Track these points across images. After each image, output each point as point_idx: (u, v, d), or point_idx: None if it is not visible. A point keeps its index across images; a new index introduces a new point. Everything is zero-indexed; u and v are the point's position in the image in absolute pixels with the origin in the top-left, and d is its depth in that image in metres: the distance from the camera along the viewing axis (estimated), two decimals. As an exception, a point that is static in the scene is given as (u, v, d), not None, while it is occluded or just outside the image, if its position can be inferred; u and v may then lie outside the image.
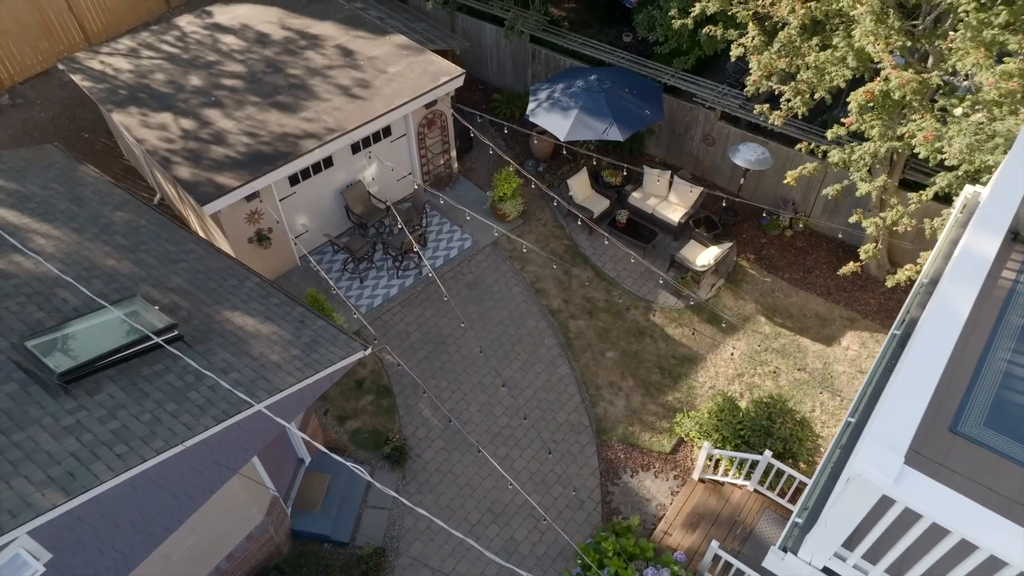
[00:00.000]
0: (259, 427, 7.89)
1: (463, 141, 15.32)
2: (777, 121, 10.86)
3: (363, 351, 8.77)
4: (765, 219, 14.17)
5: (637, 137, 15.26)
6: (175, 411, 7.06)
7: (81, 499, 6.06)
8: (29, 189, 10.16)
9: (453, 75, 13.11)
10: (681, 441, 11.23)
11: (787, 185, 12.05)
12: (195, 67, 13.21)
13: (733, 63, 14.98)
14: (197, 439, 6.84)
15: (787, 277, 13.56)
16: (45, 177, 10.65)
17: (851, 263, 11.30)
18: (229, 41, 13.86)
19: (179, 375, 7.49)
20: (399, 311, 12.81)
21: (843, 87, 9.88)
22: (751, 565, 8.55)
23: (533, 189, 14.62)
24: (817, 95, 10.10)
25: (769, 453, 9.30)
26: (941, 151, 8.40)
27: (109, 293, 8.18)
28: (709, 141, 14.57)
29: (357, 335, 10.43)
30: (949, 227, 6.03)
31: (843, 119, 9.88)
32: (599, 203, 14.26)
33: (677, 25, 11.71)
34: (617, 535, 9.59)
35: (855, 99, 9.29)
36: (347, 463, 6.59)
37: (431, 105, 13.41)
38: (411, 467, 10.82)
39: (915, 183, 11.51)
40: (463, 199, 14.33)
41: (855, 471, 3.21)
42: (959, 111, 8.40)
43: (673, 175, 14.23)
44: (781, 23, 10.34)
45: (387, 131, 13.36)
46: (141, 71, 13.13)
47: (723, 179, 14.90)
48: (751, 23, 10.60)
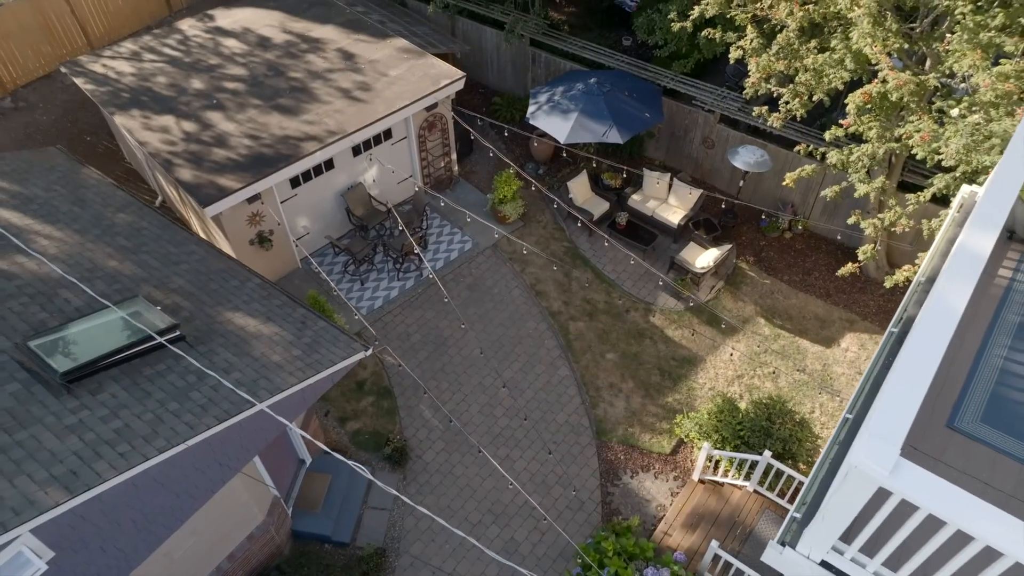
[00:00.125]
0: (260, 427, 7.93)
1: (463, 144, 15.39)
2: (776, 123, 10.92)
3: (364, 352, 8.81)
4: (764, 221, 14.22)
5: (637, 140, 15.33)
6: (177, 411, 7.09)
7: (83, 497, 6.09)
8: (32, 191, 10.21)
9: (454, 78, 13.18)
10: (681, 442, 11.26)
11: (786, 187, 12.11)
12: (197, 70, 13.28)
13: (732, 66, 15.03)
14: (199, 438, 6.87)
15: (786, 279, 13.60)
16: (48, 179, 10.71)
17: (849, 264, 11.35)
18: (231, 44, 13.93)
19: (181, 375, 7.53)
20: (400, 313, 12.86)
21: (841, 89, 9.94)
22: (751, 565, 8.58)
23: (533, 191, 14.68)
24: (816, 97, 10.16)
25: (768, 453, 9.33)
26: (938, 152, 8.45)
27: (111, 294, 8.23)
28: (708, 144, 14.63)
29: (358, 336, 10.47)
30: (946, 226, 6.07)
31: (841, 121, 9.94)
32: (599, 205, 14.32)
33: (676, 28, 11.78)
34: (617, 535, 9.61)
35: (853, 101, 9.35)
36: (348, 462, 6.64)
37: (432, 108, 13.47)
38: (412, 468, 10.84)
39: (914, 185, 11.56)
40: (463, 201, 14.38)
41: (852, 463, 3.24)
42: (956, 112, 8.46)
43: (673, 178, 14.29)
44: (779, 26, 10.41)
45: (388, 134, 13.42)
46: (143, 74, 13.20)
47: (722, 182, 14.96)
48: (750, 26, 10.67)
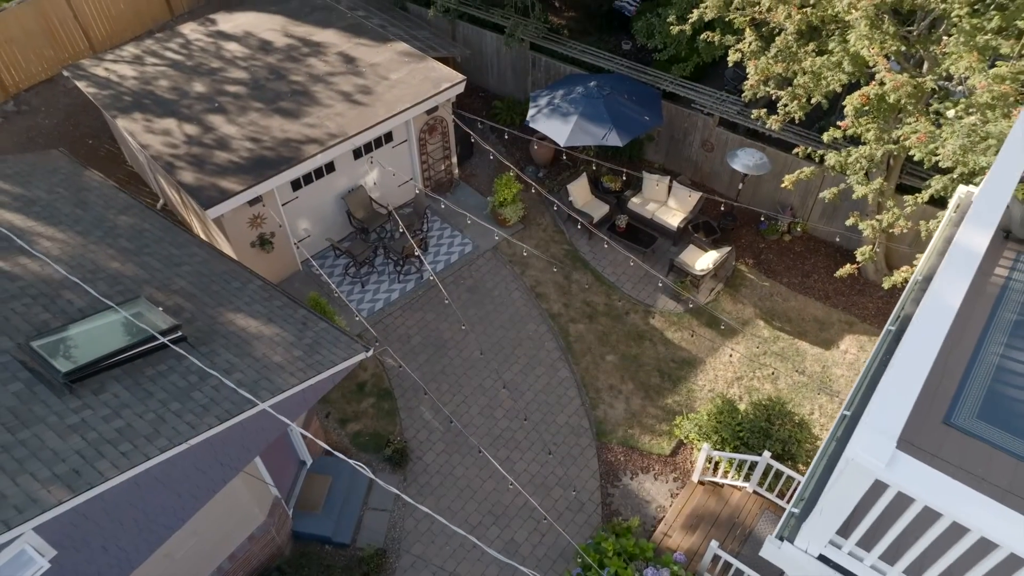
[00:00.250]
0: (262, 427, 7.96)
1: (464, 147, 15.46)
2: (774, 125, 10.98)
3: (365, 353, 8.85)
4: (764, 224, 14.28)
5: (636, 143, 15.39)
6: (179, 410, 7.13)
7: (86, 496, 6.12)
8: (34, 193, 10.27)
9: (454, 81, 13.25)
10: (681, 444, 11.28)
11: (785, 190, 12.17)
12: (199, 74, 13.36)
13: (731, 70, 15.13)
14: (200, 438, 6.90)
15: (785, 281, 13.64)
16: (50, 182, 10.76)
17: (848, 265, 11.39)
18: (232, 48, 14.01)
19: (183, 375, 7.56)
20: (400, 315, 12.90)
21: (839, 91, 10.00)
22: (751, 566, 8.60)
23: (533, 194, 14.74)
24: (814, 100, 10.22)
25: (768, 454, 9.35)
26: (935, 153, 8.51)
27: (113, 295, 8.27)
28: (708, 147, 14.69)
29: (359, 338, 10.50)
30: (943, 226, 6.12)
31: (839, 123, 10.00)
32: (599, 208, 14.37)
33: (675, 32, 11.85)
34: (617, 536, 9.64)
35: (850, 102, 9.41)
36: (349, 461, 6.67)
37: (432, 111, 13.54)
38: (412, 469, 10.87)
39: (912, 187, 11.61)
40: (464, 204, 14.44)
41: (849, 456, 3.28)
42: (952, 113, 8.52)
43: (672, 180, 14.35)
44: (778, 29, 10.48)
45: (388, 137, 13.49)
46: (145, 78, 13.28)
47: (722, 185, 15.01)
48: (748, 29, 10.74)
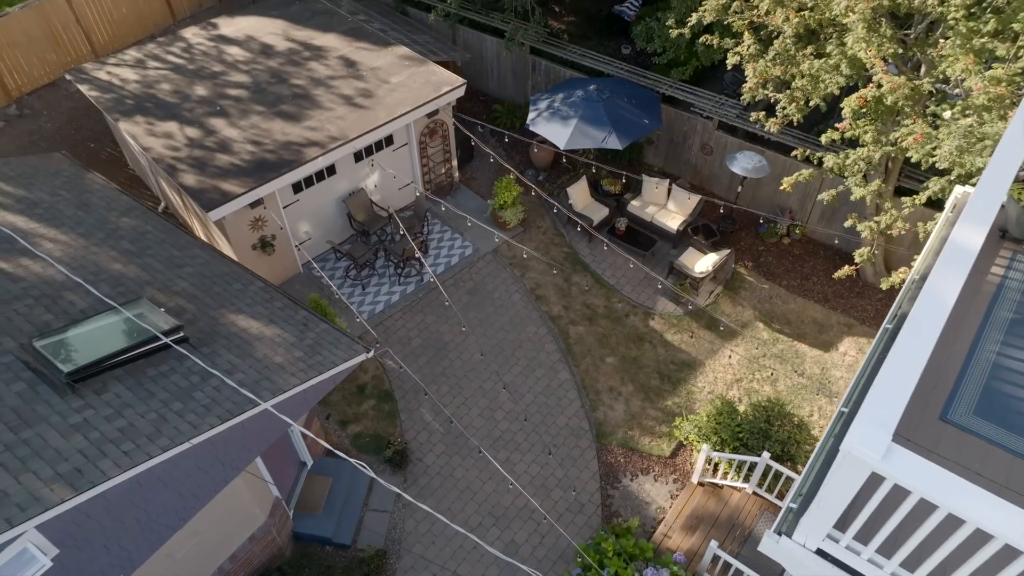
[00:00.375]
0: (263, 427, 7.99)
1: (464, 151, 15.52)
2: (773, 128, 11.05)
3: (365, 354, 8.89)
4: (763, 227, 14.33)
5: (636, 146, 15.46)
6: (181, 410, 7.16)
7: (88, 495, 6.15)
8: (37, 195, 10.33)
9: (454, 85, 13.32)
10: (680, 445, 11.31)
11: (784, 193, 12.21)
12: (200, 77, 13.43)
13: (730, 74, 15.22)
14: (202, 437, 6.94)
15: (785, 284, 13.69)
16: (53, 184, 10.82)
17: (846, 266, 11.44)
18: (234, 52, 14.08)
19: (184, 375, 7.60)
20: (400, 317, 12.94)
21: (837, 94, 10.07)
22: (750, 566, 8.62)
23: (533, 197, 14.81)
24: (812, 102, 10.29)
25: (767, 455, 9.38)
26: (932, 154, 8.57)
27: (115, 296, 8.31)
28: (707, 150, 14.76)
29: (360, 340, 10.53)
30: (940, 226, 6.18)
31: (837, 124, 10.07)
32: (598, 211, 14.43)
33: (674, 35, 11.92)
34: (617, 536, 9.66)
35: (848, 104, 9.48)
36: (351, 460, 6.71)
37: (433, 115, 13.61)
38: (412, 471, 10.89)
39: (911, 190, 11.66)
40: (464, 207, 14.49)
41: (846, 449, 3.32)
42: (949, 114, 8.59)
43: (672, 183, 14.40)
44: (776, 32, 10.56)
45: (389, 140, 13.56)
46: (147, 81, 13.35)
47: (721, 188, 15.07)
48: (747, 32, 10.82)
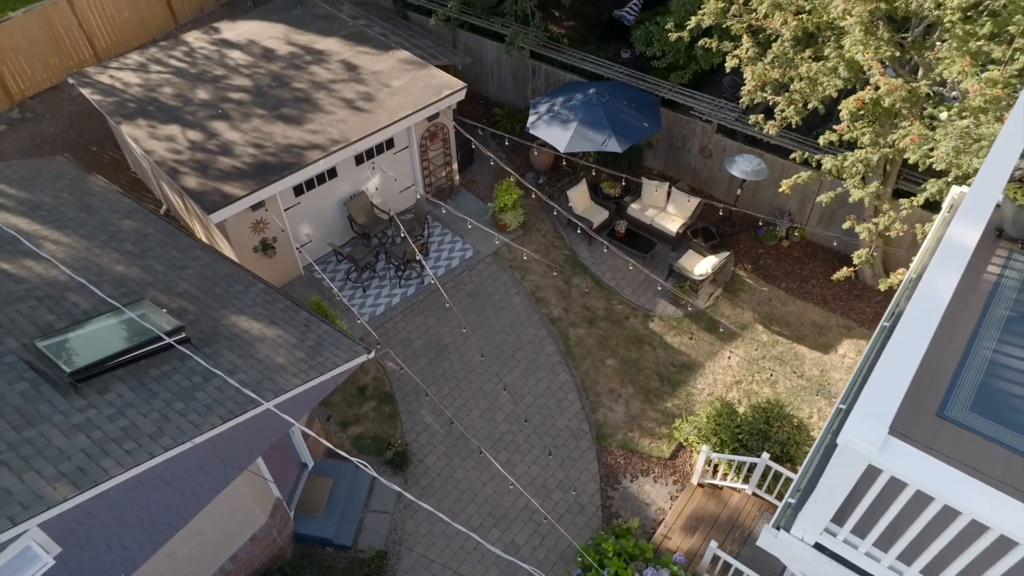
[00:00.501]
0: (264, 427, 8.03)
1: (464, 154, 15.59)
2: (772, 130, 11.10)
3: (366, 355, 8.93)
4: (762, 230, 14.39)
5: (635, 150, 15.53)
6: (183, 410, 7.20)
7: (91, 493, 6.18)
8: (40, 198, 10.38)
9: (455, 88, 13.40)
10: (680, 447, 11.34)
11: (783, 196, 12.26)
12: (202, 81, 13.51)
13: (729, 78, 15.29)
14: (204, 436, 6.97)
15: (784, 286, 13.74)
16: (55, 186, 10.88)
17: (845, 268, 11.48)
18: (236, 56, 14.17)
19: (186, 376, 7.64)
20: (401, 319, 12.98)
21: (835, 96, 10.14)
22: (750, 567, 8.64)
23: (533, 200, 14.87)
24: (810, 105, 10.36)
25: (767, 455, 9.41)
26: (929, 154, 8.63)
27: (118, 297, 8.36)
28: (706, 153, 14.82)
29: (361, 341, 10.58)
30: (937, 226, 6.23)
31: (835, 126, 10.14)
32: (598, 214, 14.48)
33: (673, 39, 12.00)
34: (617, 537, 9.68)
35: (846, 107, 9.55)
36: (352, 459, 6.74)
37: (433, 118, 13.69)
38: (413, 472, 10.92)
39: (909, 193, 11.72)
40: (465, 210, 14.56)
41: (842, 441, 3.36)
42: (945, 115, 8.65)
43: (671, 186, 14.47)
44: (775, 35, 10.63)
45: (390, 143, 13.62)
46: (149, 85, 13.42)
47: (720, 191, 15.14)
48: (745, 35, 10.89)
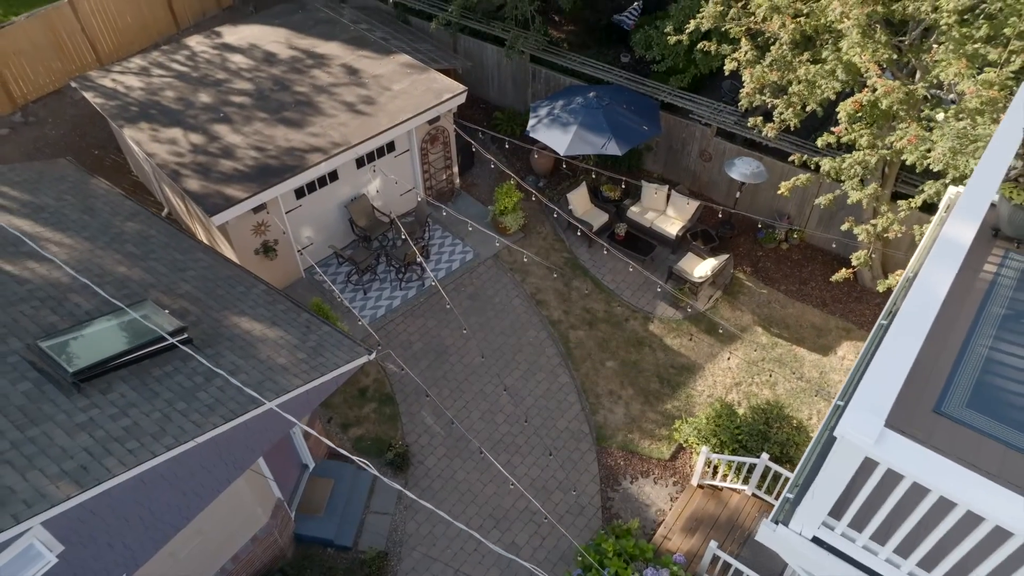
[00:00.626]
0: (266, 427, 8.06)
1: (465, 157, 15.67)
2: (770, 133, 11.17)
3: (367, 356, 8.97)
4: (761, 232, 14.44)
5: (635, 153, 15.60)
6: (184, 410, 7.24)
7: (93, 492, 6.21)
8: (42, 200, 10.44)
9: (455, 92, 13.47)
10: (680, 448, 11.37)
11: (782, 198, 12.33)
12: (204, 85, 13.58)
13: (728, 82, 15.38)
14: (206, 436, 7.01)
15: (783, 289, 13.78)
16: (58, 189, 10.94)
17: (843, 269, 11.53)
18: (237, 60, 14.25)
19: (188, 376, 7.69)
20: (402, 321, 13.03)
21: (833, 99, 10.21)
22: (749, 567, 8.66)
23: (533, 203, 14.94)
24: (809, 108, 10.43)
25: (766, 456, 9.44)
26: (927, 155, 8.69)
27: (120, 298, 8.40)
28: (706, 157, 14.89)
29: (362, 343, 10.62)
30: (934, 226, 6.28)
31: (833, 128, 10.21)
32: (598, 217, 14.54)
33: (673, 42, 12.08)
34: (617, 537, 9.70)
35: (844, 109, 9.62)
36: (354, 458, 6.78)
37: (434, 121, 13.76)
38: (413, 473, 10.94)
39: (908, 196, 11.78)
40: (465, 213, 14.62)
41: (840, 433, 3.41)
42: (942, 116, 8.72)
43: (671, 189, 14.53)
44: (773, 38, 10.71)
45: (391, 146, 13.69)
46: (152, 88, 13.50)
47: (720, 194, 15.20)
48: (744, 38, 10.97)
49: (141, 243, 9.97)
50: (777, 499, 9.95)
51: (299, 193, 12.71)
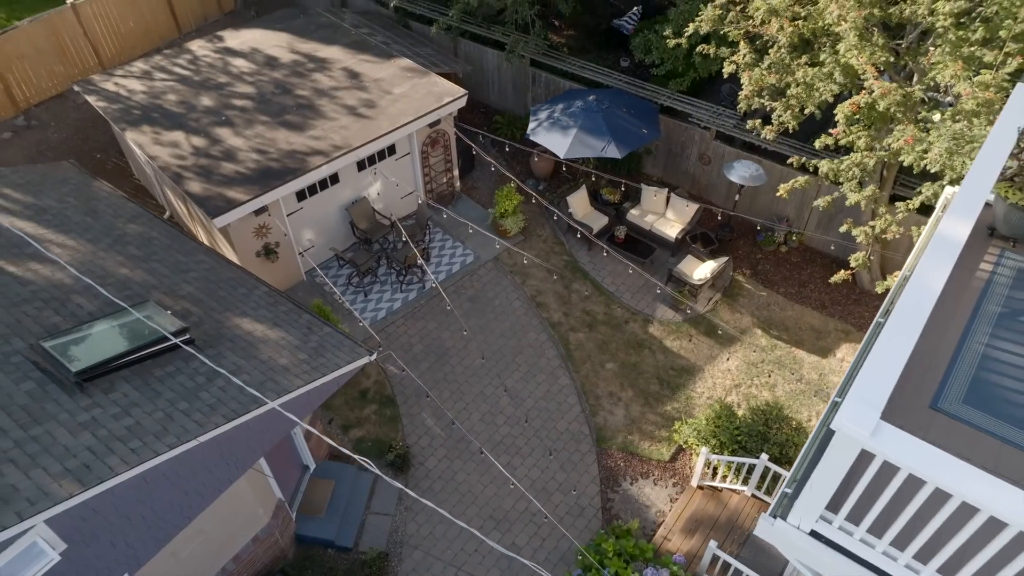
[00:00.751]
0: (267, 428, 8.10)
1: (465, 161, 15.74)
2: (769, 135, 11.24)
3: (368, 356, 9.02)
4: (760, 235, 14.50)
5: (635, 157, 15.67)
6: (187, 409, 7.28)
7: (96, 490, 6.25)
8: (45, 202, 10.50)
9: (456, 96, 13.55)
10: (680, 449, 11.40)
11: (781, 201, 12.38)
12: (206, 88, 13.66)
13: (727, 86, 15.47)
14: (209, 435, 7.04)
15: (782, 291, 13.83)
16: (61, 191, 11.00)
17: (842, 271, 11.58)
18: (239, 64, 14.33)
19: (191, 376, 7.73)
20: (402, 324, 13.07)
21: (831, 101, 10.28)
22: (749, 567, 8.68)
23: (534, 206, 15.00)
24: (807, 110, 10.50)
25: (765, 456, 9.47)
26: (923, 155, 8.76)
27: (122, 300, 8.43)
28: (705, 160, 14.96)
29: (363, 344, 10.66)
30: (930, 225, 6.33)
31: (831, 130, 10.28)
32: (598, 220, 14.60)
33: (672, 45, 12.15)
34: (617, 537, 9.73)
35: (842, 111, 9.69)
36: (355, 456, 6.82)
37: (435, 125, 13.83)
38: (414, 474, 10.97)
39: (906, 199, 11.84)
40: (465, 216, 14.69)
41: (836, 426, 3.45)
42: (938, 117, 8.79)
43: (670, 192, 14.59)
44: (771, 41, 10.79)
45: (392, 149, 13.76)
46: (154, 92, 13.58)
47: (719, 197, 15.26)
48: (742, 41, 11.05)
49: (143, 245, 10.03)
50: (777, 500, 10.00)
51: (300, 196, 12.77)
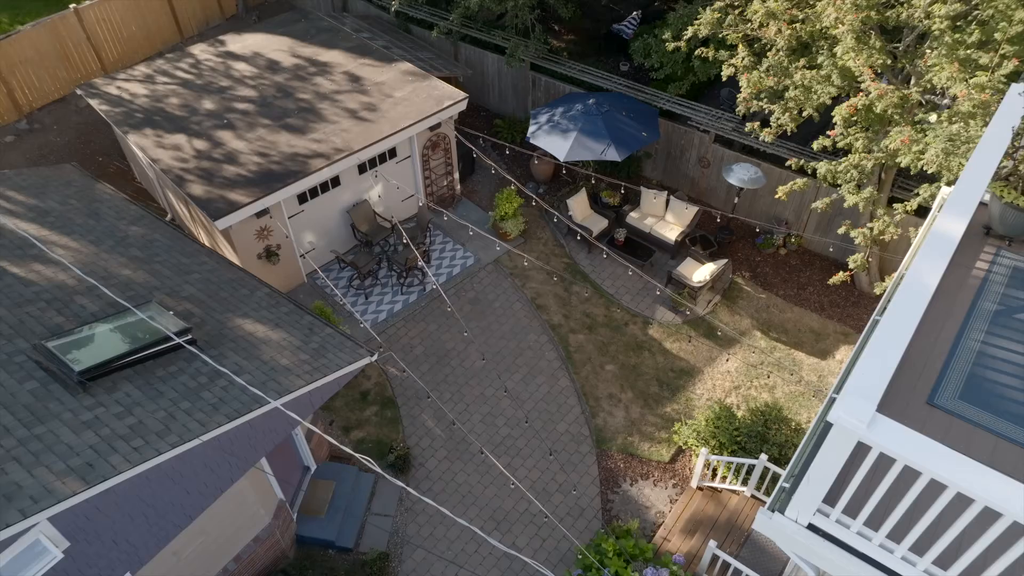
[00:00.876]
0: (269, 427, 8.14)
1: (466, 164, 15.81)
2: (767, 137, 11.31)
3: (369, 357, 9.06)
4: (760, 237, 14.55)
5: (634, 160, 15.74)
6: (189, 409, 7.33)
7: (99, 488, 6.29)
8: (48, 204, 10.57)
9: (457, 99, 13.63)
10: (680, 451, 11.43)
11: (781, 204, 12.43)
12: (208, 92, 13.74)
13: (726, 90, 15.55)
14: (211, 435, 7.09)
15: (781, 293, 13.88)
16: (63, 193, 11.07)
17: (841, 272, 11.63)
18: (241, 68, 14.42)
19: (193, 376, 7.78)
20: (403, 326, 13.12)
21: (829, 103, 10.35)
22: (749, 567, 8.70)
23: (534, 209, 15.06)
24: (805, 113, 10.57)
25: (765, 457, 9.50)
26: (920, 156, 8.82)
27: (125, 300, 8.50)
28: (704, 163, 15.03)
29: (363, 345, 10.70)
30: (927, 225, 6.39)
31: (828, 132, 10.35)
32: (598, 223, 14.66)
33: (671, 49, 12.23)
34: (617, 537, 9.75)
35: (839, 113, 9.76)
36: (357, 455, 6.86)
37: (435, 128, 13.91)
38: (414, 476, 11.00)
39: (904, 200, 11.90)
40: (466, 219, 14.75)
41: (833, 419, 3.50)
42: (934, 118, 8.86)
43: (670, 195, 14.65)
44: (769, 44, 10.87)
45: (393, 152, 13.83)
46: (156, 96, 13.66)
47: (718, 200, 15.33)
48: (741, 45, 11.12)
49: (145, 247, 10.08)
50: (776, 500, 10.03)
51: (301, 198, 12.83)
